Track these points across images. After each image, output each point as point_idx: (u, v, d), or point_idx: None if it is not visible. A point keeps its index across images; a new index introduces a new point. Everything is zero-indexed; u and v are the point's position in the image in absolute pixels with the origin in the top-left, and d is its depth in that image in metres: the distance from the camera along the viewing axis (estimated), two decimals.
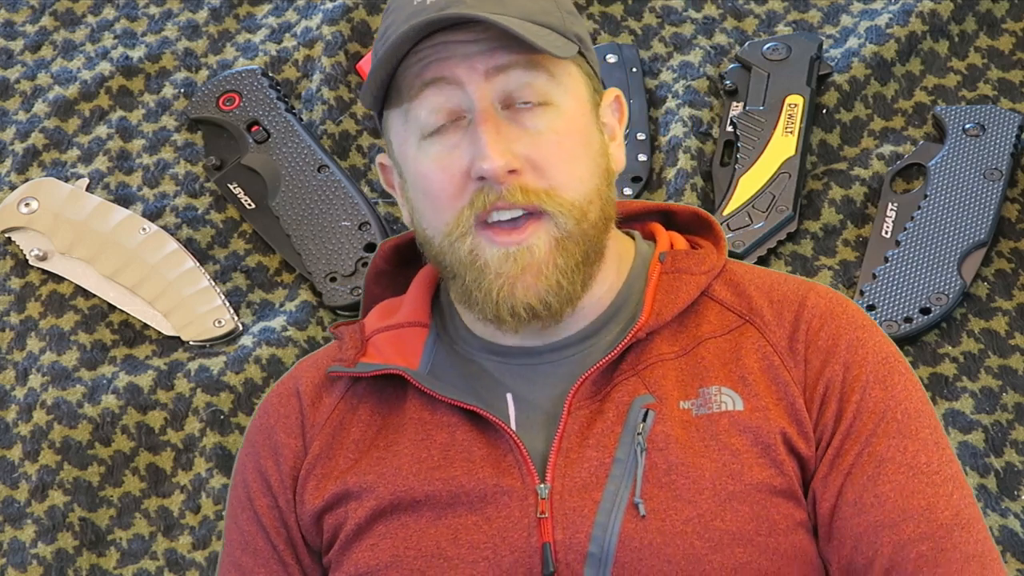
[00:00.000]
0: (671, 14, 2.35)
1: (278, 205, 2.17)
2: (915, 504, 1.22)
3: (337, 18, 2.36)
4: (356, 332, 1.36)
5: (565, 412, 1.25)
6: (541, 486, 1.23)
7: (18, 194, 2.22)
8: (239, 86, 2.29)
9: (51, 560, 1.93)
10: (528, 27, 1.22)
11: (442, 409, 1.28)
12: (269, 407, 1.37)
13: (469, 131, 1.23)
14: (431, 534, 1.24)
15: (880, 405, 1.26)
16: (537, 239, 1.23)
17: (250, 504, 1.35)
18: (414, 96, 1.24)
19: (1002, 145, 2.14)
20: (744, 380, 1.26)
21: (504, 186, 1.22)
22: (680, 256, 1.33)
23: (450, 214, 1.25)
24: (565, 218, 1.23)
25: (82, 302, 2.15)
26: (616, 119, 1.34)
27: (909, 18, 2.27)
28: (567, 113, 1.25)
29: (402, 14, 1.25)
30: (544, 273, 1.23)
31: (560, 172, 1.23)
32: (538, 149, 1.23)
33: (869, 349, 1.29)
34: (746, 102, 2.21)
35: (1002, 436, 1.93)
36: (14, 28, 2.46)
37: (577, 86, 1.27)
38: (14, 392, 2.07)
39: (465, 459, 1.26)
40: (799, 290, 1.32)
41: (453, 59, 1.22)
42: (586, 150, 1.26)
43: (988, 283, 2.06)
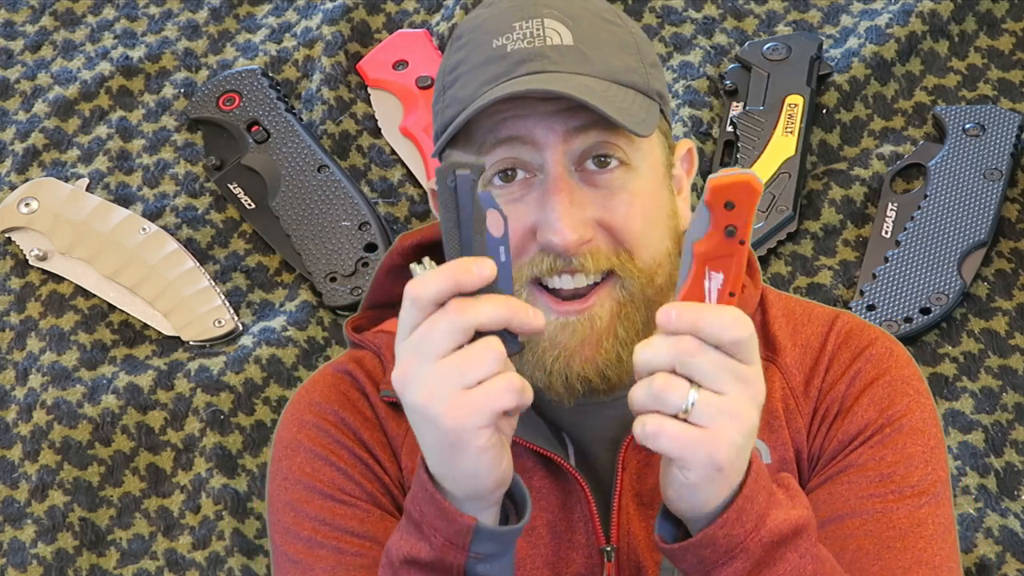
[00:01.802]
0: (671, 14, 2.35)
1: (278, 205, 2.17)
2: (868, 506, 1.20)
3: (337, 18, 2.36)
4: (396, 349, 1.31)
5: (620, 469, 1.22)
6: (606, 548, 1.21)
7: (18, 194, 2.22)
8: (239, 86, 2.29)
9: (51, 560, 1.93)
10: (612, 93, 1.17)
11: (516, 449, 1.20)
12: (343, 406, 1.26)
13: (539, 192, 1.17)
14: None
15: (872, 427, 1.24)
16: (600, 307, 1.17)
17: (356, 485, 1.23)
18: (486, 150, 1.18)
19: (1002, 145, 2.14)
20: (771, 426, 1.25)
21: (575, 256, 1.17)
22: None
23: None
24: (633, 281, 1.18)
25: (82, 302, 2.15)
26: (685, 171, 1.28)
27: (909, 18, 2.27)
28: (643, 176, 1.19)
29: (479, 55, 1.19)
30: (603, 345, 1.18)
31: (633, 234, 1.18)
32: (612, 212, 1.17)
33: (882, 369, 1.27)
34: (746, 102, 2.21)
35: (1002, 436, 1.93)
36: (14, 28, 2.46)
37: (653, 148, 1.21)
38: (14, 392, 2.07)
39: (543, 509, 1.22)
40: (820, 333, 1.29)
41: (531, 118, 1.16)
42: (659, 212, 1.21)
43: (988, 283, 2.06)
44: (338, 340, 2.09)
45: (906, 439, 1.23)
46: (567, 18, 1.19)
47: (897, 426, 1.23)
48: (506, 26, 1.18)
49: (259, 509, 1.96)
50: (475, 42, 1.20)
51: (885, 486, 1.20)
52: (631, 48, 1.21)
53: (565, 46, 1.17)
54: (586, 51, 1.18)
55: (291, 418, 1.28)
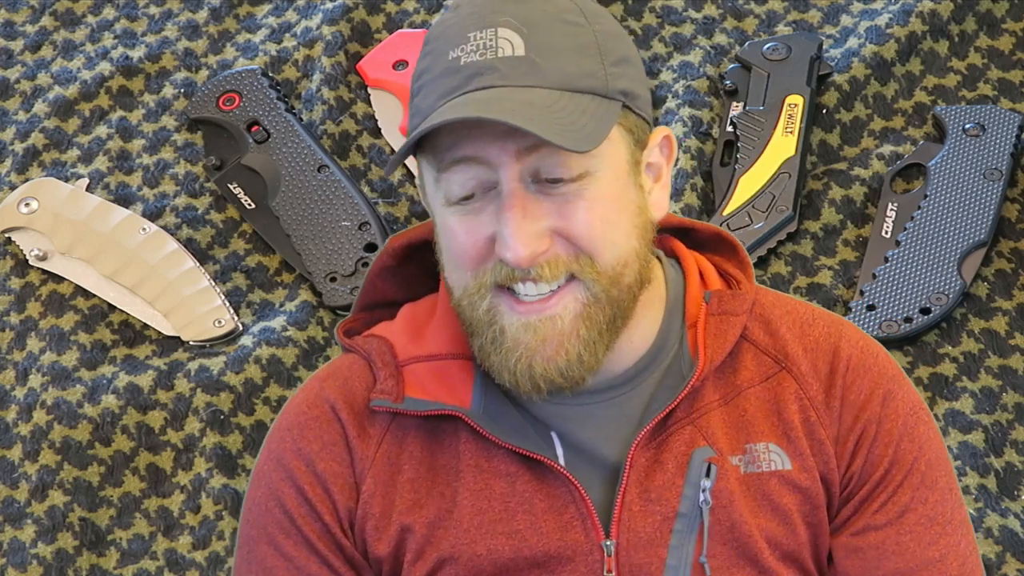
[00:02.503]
0: (671, 14, 2.35)
1: (278, 205, 2.17)
2: (931, 555, 1.25)
3: (337, 18, 2.36)
4: (387, 355, 1.30)
5: (628, 465, 1.23)
6: (607, 542, 1.21)
7: (18, 194, 2.22)
8: (239, 86, 2.29)
9: (51, 560, 1.93)
10: (559, 107, 1.17)
11: (500, 456, 1.23)
12: (306, 430, 1.29)
13: (496, 205, 1.19)
14: None
15: (909, 457, 1.27)
16: (563, 308, 1.19)
17: (297, 530, 1.26)
18: (444, 168, 1.18)
19: (1002, 145, 2.14)
20: (788, 436, 1.26)
21: (532, 267, 1.18)
22: (725, 297, 1.29)
23: (470, 276, 1.21)
24: (595, 283, 1.19)
25: (82, 302, 2.15)
26: (664, 158, 1.28)
27: (909, 18, 2.27)
28: (601, 181, 1.19)
29: (437, 65, 1.20)
30: (565, 346, 1.19)
31: (592, 239, 1.19)
32: (568, 219, 1.18)
33: (900, 401, 1.29)
34: (746, 102, 2.21)
35: (1002, 436, 1.93)
36: (14, 28, 2.46)
37: (615, 151, 1.21)
38: (14, 392, 2.07)
39: (527, 511, 1.23)
40: (831, 336, 1.30)
41: (485, 139, 1.17)
42: (620, 214, 1.21)
43: (988, 283, 2.06)
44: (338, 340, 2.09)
45: (936, 474, 1.29)
46: (523, 26, 1.19)
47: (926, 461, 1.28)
48: (462, 36, 1.19)
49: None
50: (436, 52, 1.21)
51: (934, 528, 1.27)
52: (591, 50, 1.21)
53: (516, 57, 1.17)
54: (537, 61, 1.18)
55: (267, 444, 1.31)
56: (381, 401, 1.26)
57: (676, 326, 1.28)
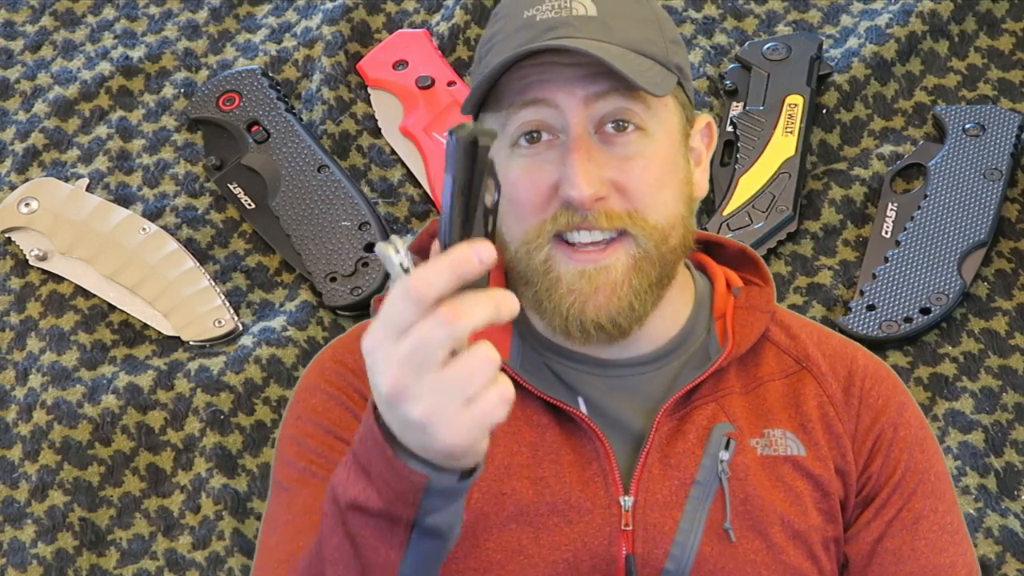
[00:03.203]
0: (671, 14, 2.35)
1: (278, 205, 2.17)
2: (942, 561, 1.32)
3: (337, 18, 2.36)
4: None
5: (653, 431, 1.28)
6: (624, 498, 1.27)
7: (18, 194, 2.22)
8: (239, 86, 2.29)
9: (51, 560, 1.93)
10: (630, 59, 1.25)
11: (533, 406, 1.29)
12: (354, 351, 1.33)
13: (560, 151, 1.25)
14: (513, 529, 1.27)
15: (921, 466, 1.34)
16: (616, 259, 1.26)
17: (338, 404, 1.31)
18: (513, 111, 1.26)
19: (1002, 145, 2.14)
20: (804, 427, 1.32)
21: (590, 212, 1.25)
22: (753, 293, 1.38)
23: (532, 224, 1.27)
24: (646, 239, 1.26)
25: (82, 302, 2.15)
26: (704, 145, 1.36)
27: (909, 18, 2.27)
28: (658, 141, 1.27)
29: (511, 24, 1.28)
30: (617, 293, 1.26)
31: (646, 196, 1.26)
32: (626, 174, 1.25)
33: (911, 414, 1.37)
34: (746, 102, 2.21)
35: (1002, 436, 1.93)
36: (14, 28, 2.46)
37: (670, 116, 1.29)
38: (14, 392, 2.07)
39: (552, 461, 1.28)
40: (847, 347, 1.38)
41: (555, 82, 1.24)
42: (672, 177, 1.28)
43: (988, 283, 2.06)
44: None
45: (944, 486, 1.35)
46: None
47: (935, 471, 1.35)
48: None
49: (259, 509, 1.96)
50: (509, 15, 1.29)
51: (945, 536, 1.33)
52: (652, 24, 1.30)
53: (589, 16, 1.26)
54: (609, 22, 1.26)
55: (315, 367, 1.37)
56: None
57: (704, 317, 1.36)
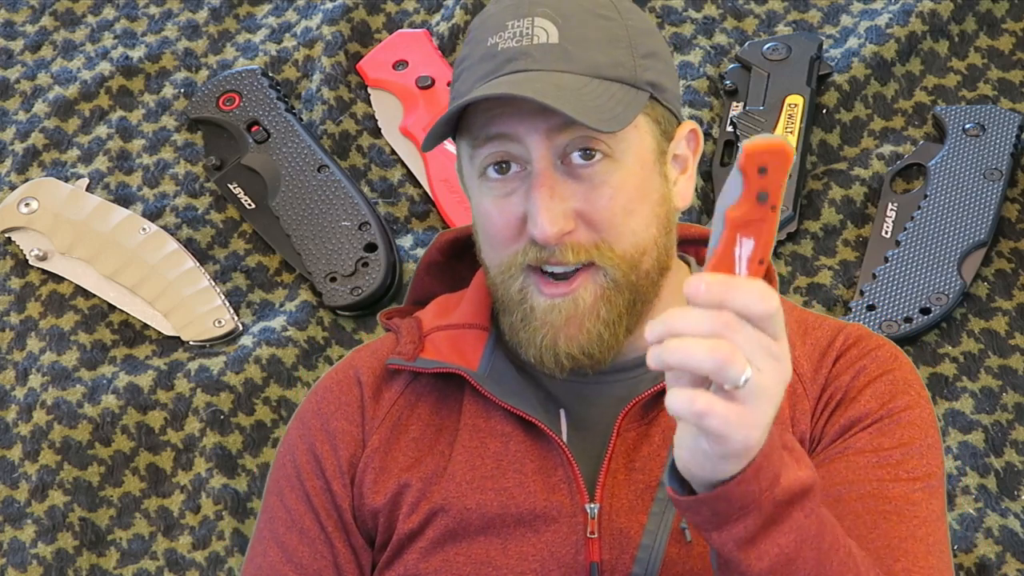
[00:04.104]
0: (671, 14, 2.35)
1: (278, 205, 2.17)
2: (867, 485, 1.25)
3: (337, 18, 2.36)
4: (413, 327, 1.37)
5: (614, 434, 1.28)
6: (590, 506, 1.26)
7: (18, 194, 2.22)
8: (239, 86, 2.29)
9: (51, 560, 1.93)
10: (588, 91, 1.23)
11: (497, 416, 1.30)
12: (327, 392, 1.37)
13: (526, 185, 1.25)
14: (481, 541, 1.27)
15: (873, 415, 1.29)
16: (584, 290, 1.25)
17: (300, 484, 1.35)
18: (478, 145, 1.26)
19: (1002, 145, 2.14)
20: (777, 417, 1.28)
21: (557, 247, 1.24)
22: None
23: (505, 255, 1.27)
24: (614, 269, 1.25)
25: (82, 302, 2.15)
26: (691, 151, 1.34)
27: (909, 18, 2.27)
28: (626, 167, 1.25)
29: (477, 51, 1.27)
30: (586, 326, 1.26)
31: (613, 226, 1.25)
32: (592, 204, 1.24)
33: (907, 371, 1.32)
34: (746, 102, 2.21)
35: (1002, 436, 1.93)
36: (14, 28, 2.46)
37: (640, 139, 1.27)
38: (14, 392, 2.07)
39: (517, 471, 1.28)
40: (833, 327, 1.35)
41: (516, 116, 1.23)
42: (642, 203, 1.27)
43: (988, 283, 2.06)
44: (338, 340, 2.09)
45: (904, 431, 1.28)
46: (558, 16, 1.25)
47: (897, 419, 1.29)
48: (501, 25, 1.26)
49: (259, 509, 1.96)
50: (476, 39, 1.28)
51: (882, 468, 1.26)
52: (622, 42, 1.27)
53: (550, 44, 1.24)
54: (570, 49, 1.24)
55: (298, 408, 1.39)
56: (395, 359, 1.34)
57: None
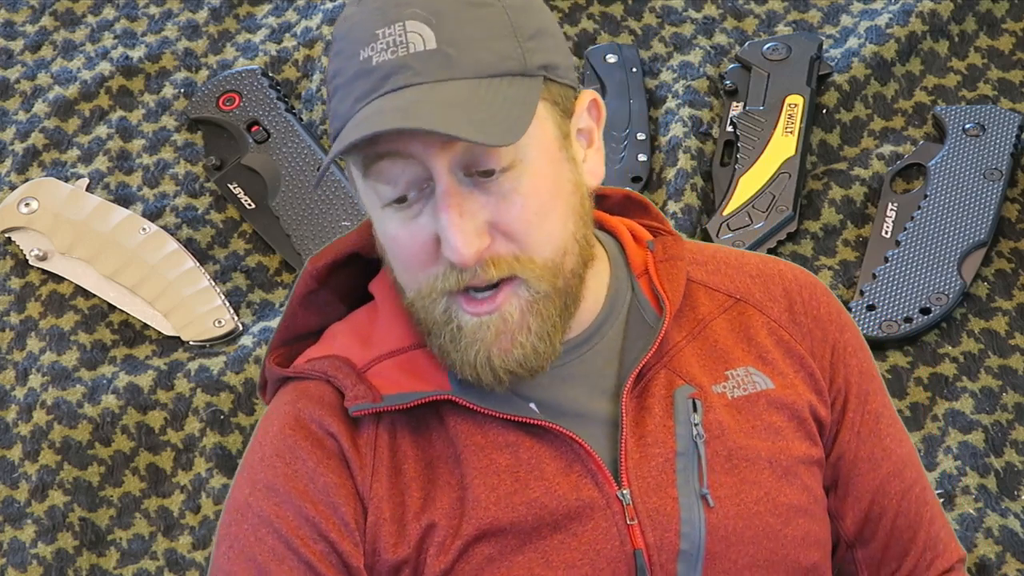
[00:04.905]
0: (671, 14, 2.35)
1: (278, 205, 2.17)
2: (905, 451, 1.33)
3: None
4: (343, 366, 1.27)
5: (624, 414, 1.23)
6: (622, 492, 1.22)
7: (18, 194, 2.22)
8: (239, 86, 2.29)
9: (51, 560, 1.93)
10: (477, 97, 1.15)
11: (493, 429, 1.23)
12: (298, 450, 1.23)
13: (432, 204, 1.17)
14: (520, 562, 1.21)
15: (865, 365, 1.33)
16: (509, 305, 1.18)
17: (294, 555, 1.21)
18: (370, 164, 1.17)
19: (1002, 145, 2.14)
20: (764, 359, 1.28)
21: (477, 266, 1.16)
22: (668, 243, 1.32)
23: (422, 280, 1.20)
24: (538, 281, 1.19)
25: (82, 302, 2.15)
26: (594, 120, 1.26)
27: (909, 18, 2.27)
28: (532, 167, 1.17)
29: (349, 67, 1.18)
30: (519, 340, 1.19)
31: (529, 235, 1.18)
32: (503, 214, 1.17)
33: (845, 315, 1.36)
34: (746, 102, 2.21)
35: (1002, 436, 1.93)
36: (14, 28, 2.46)
37: (543, 130, 1.19)
38: (14, 392, 2.07)
39: (537, 478, 1.22)
40: (767, 263, 1.34)
41: (407, 134, 1.14)
42: (555, 200, 1.20)
43: (988, 283, 2.06)
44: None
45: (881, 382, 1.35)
46: (430, 16, 1.16)
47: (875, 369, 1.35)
48: (370, 34, 1.16)
49: None
50: (345, 52, 1.18)
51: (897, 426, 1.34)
52: (503, 30, 1.18)
53: (428, 51, 1.15)
54: (450, 52, 1.15)
55: (243, 479, 1.25)
56: (360, 405, 1.23)
57: (623, 277, 1.29)
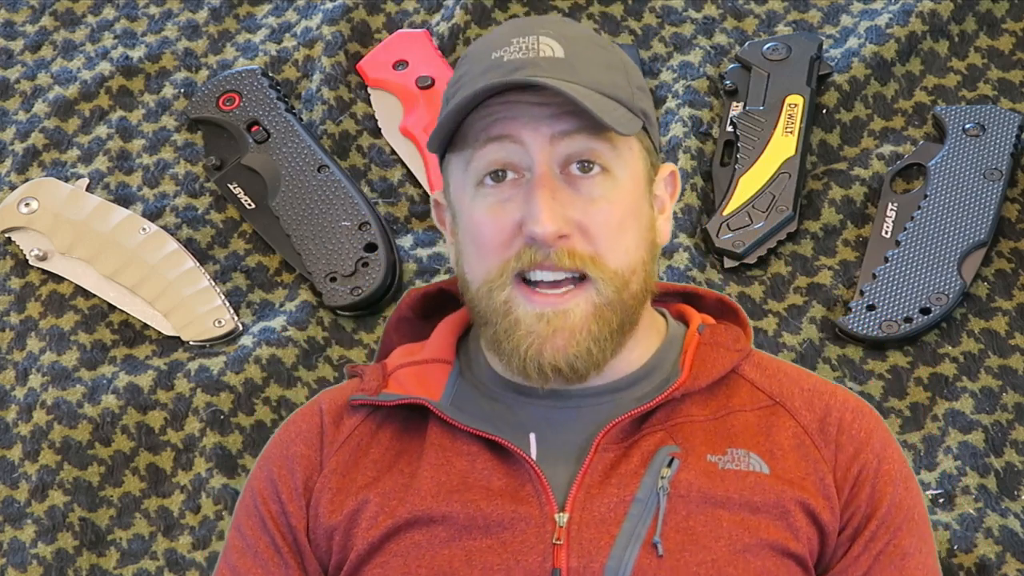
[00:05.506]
0: (671, 14, 2.35)
1: (278, 205, 2.17)
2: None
3: (337, 18, 2.36)
4: (377, 368, 1.39)
5: (592, 451, 1.28)
6: (560, 515, 1.26)
7: (18, 194, 2.22)
8: (239, 86, 2.29)
9: (51, 560, 1.93)
10: (596, 99, 1.26)
11: (462, 438, 1.30)
12: (290, 425, 1.39)
13: (525, 189, 1.26)
14: (444, 554, 1.26)
15: (907, 503, 1.33)
16: (576, 304, 1.26)
17: (256, 510, 1.36)
18: (478, 148, 1.27)
19: (1002, 145, 2.14)
20: (773, 453, 1.31)
21: (552, 249, 1.26)
22: (719, 331, 1.38)
23: (494, 263, 1.28)
24: (607, 285, 1.27)
25: (82, 302, 2.15)
26: (668, 193, 1.37)
27: (909, 18, 2.27)
28: (622, 184, 1.28)
29: (478, 66, 1.29)
30: (576, 338, 1.26)
31: (608, 240, 1.27)
32: (590, 216, 1.26)
33: (894, 450, 1.36)
34: (746, 102, 2.21)
35: (1002, 436, 1.93)
36: (14, 28, 2.46)
37: (635, 160, 1.30)
38: (14, 392, 2.07)
39: (484, 487, 1.28)
40: (827, 385, 1.37)
41: (520, 119, 1.26)
42: (635, 222, 1.29)
43: (988, 283, 2.06)
44: (338, 340, 2.09)
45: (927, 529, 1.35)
46: (561, 37, 1.29)
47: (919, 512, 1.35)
48: (505, 41, 1.29)
49: None
50: (477, 57, 1.31)
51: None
52: (619, 70, 1.31)
53: (556, 58, 1.28)
54: (575, 64, 1.28)
55: (261, 453, 1.41)
56: (358, 395, 1.35)
57: (672, 354, 1.37)
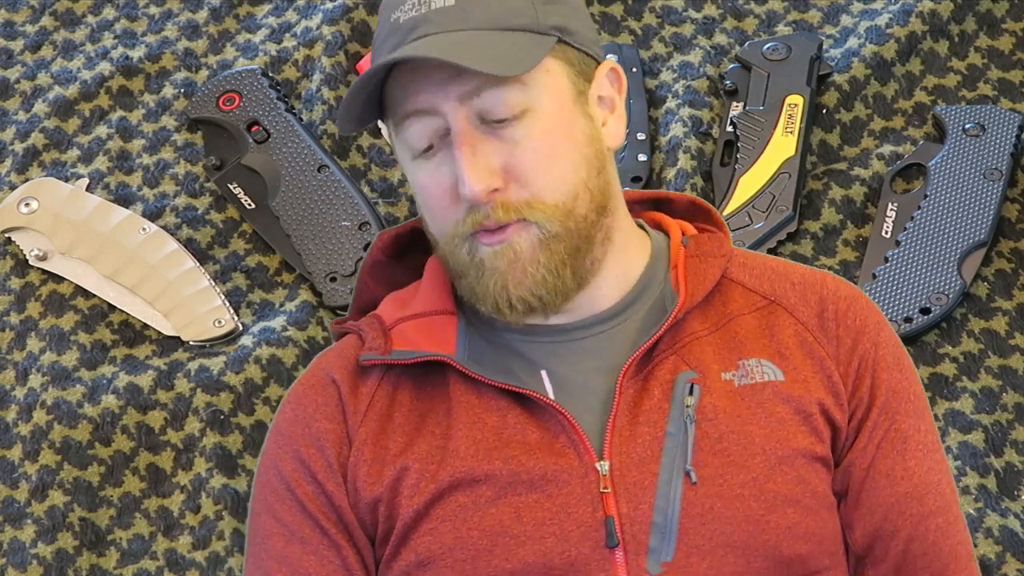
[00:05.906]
0: (671, 14, 2.35)
1: (278, 205, 2.17)
2: (932, 479, 1.33)
3: (337, 18, 2.36)
4: (375, 323, 1.38)
5: (617, 393, 1.29)
6: (600, 463, 1.27)
7: (18, 194, 2.22)
8: (239, 86, 2.29)
9: (51, 560, 1.93)
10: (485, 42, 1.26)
11: (489, 393, 1.31)
12: (302, 398, 1.37)
13: (451, 150, 1.29)
14: (492, 513, 1.27)
15: (902, 385, 1.35)
16: (519, 239, 1.28)
17: (291, 494, 1.33)
18: (400, 123, 1.30)
19: (1002, 145, 2.14)
20: (781, 354, 1.33)
21: (488, 206, 1.27)
22: (703, 240, 1.39)
23: (448, 224, 1.30)
24: (548, 221, 1.28)
25: (82, 302, 2.15)
26: (615, 90, 1.36)
27: (909, 18, 2.27)
28: (543, 114, 1.28)
29: (383, 29, 1.31)
30: (529, 270, 1.28)
31: (541, 177, 1.28)
32: (516, 158, 1.27)
33: (888, 333, 1.38)
34: (746, 102, 2.21)
35: (1002, 436, 1.93)
36: (14, 28, 2.46)
37: (555, 82, 1.29)
38: (14, 392, 2.07)
39: (520, 441, 1.29)
40: (814, 274, 1.40)
41: (429, 89, 1.27)
42: (568, 144, 1.29)
43: (988, 283, 2.06)
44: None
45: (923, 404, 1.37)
46: None
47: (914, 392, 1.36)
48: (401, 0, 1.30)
49: None
50: (382, 20, 1.32)
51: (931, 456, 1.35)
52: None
53: (448, 7, 1.27)
54: (468, 7, 1.27)
55: (273, 422, 1.38)
56: (370, 355, 1.34)
57: (660, 269, 1.37)
